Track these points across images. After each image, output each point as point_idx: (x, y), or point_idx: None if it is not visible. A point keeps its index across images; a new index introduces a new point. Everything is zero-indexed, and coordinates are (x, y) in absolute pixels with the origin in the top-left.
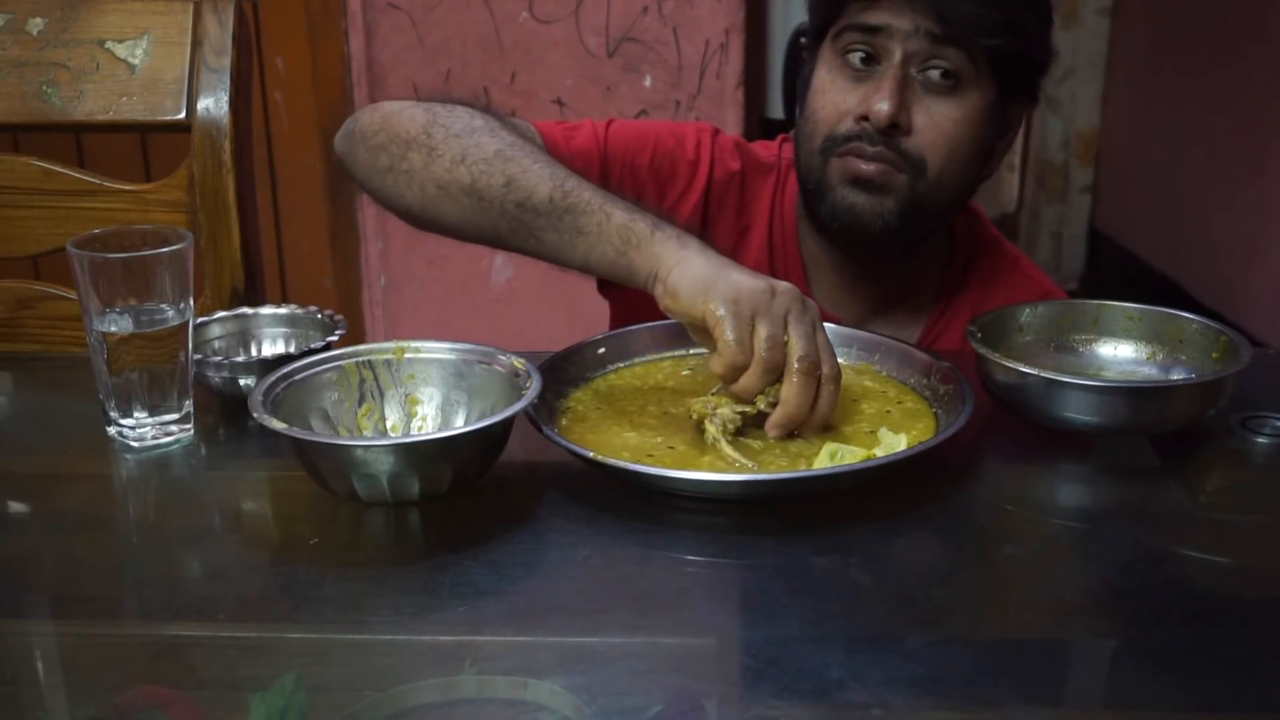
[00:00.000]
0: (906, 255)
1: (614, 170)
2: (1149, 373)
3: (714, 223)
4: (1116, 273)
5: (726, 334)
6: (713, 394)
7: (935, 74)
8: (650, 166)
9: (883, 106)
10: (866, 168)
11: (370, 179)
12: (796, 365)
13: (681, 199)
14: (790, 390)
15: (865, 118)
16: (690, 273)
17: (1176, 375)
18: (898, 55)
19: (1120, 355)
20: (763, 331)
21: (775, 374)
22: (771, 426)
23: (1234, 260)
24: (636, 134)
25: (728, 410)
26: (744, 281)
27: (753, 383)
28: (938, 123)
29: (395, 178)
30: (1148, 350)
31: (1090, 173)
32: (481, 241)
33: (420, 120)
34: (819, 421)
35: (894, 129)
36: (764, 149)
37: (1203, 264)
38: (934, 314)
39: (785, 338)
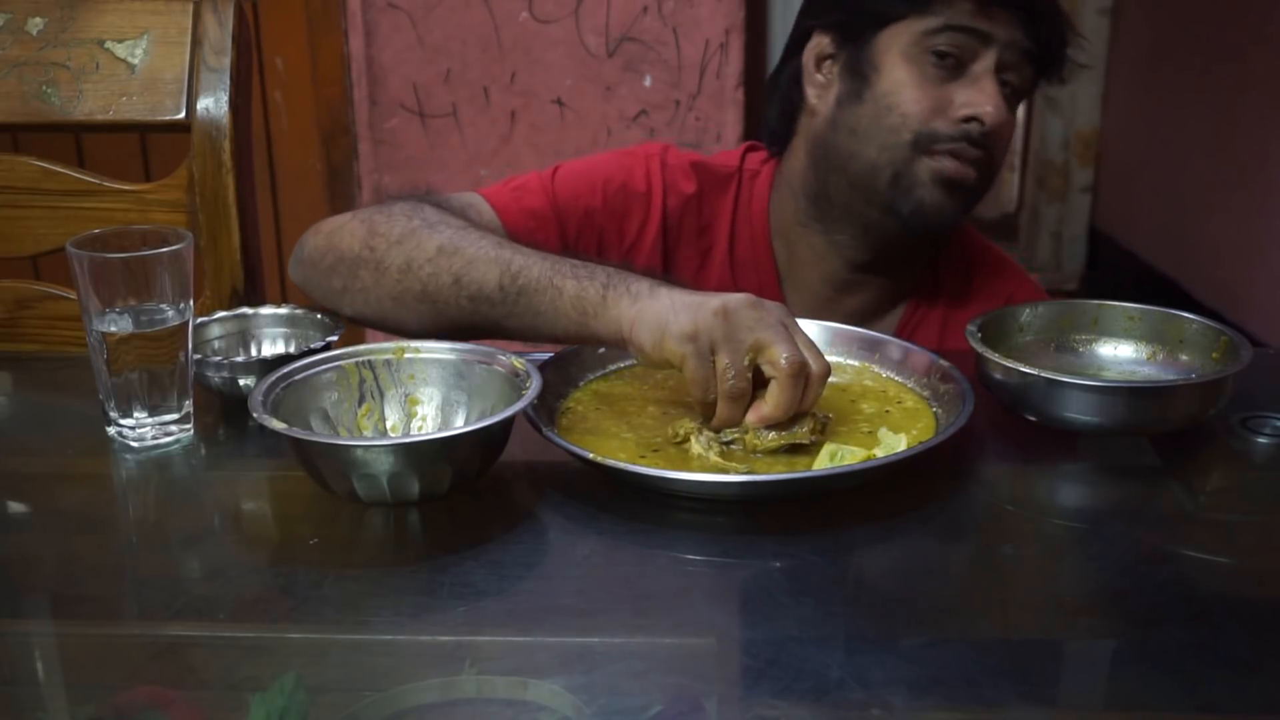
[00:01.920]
0: (912, 253)
1: (570, 222)
2: (1149, 373)
3: (675, 249)
4: (1116, 273)
5: (690, 374)
6: (698, 423)
7: (1014, 82)
8: (604, 208)
9: (994, 109)
10: (964, 171)
11: (330, 301)
12: (785, 367)
13: (641, 232)
14: (776, 393)
15: (970, 119)
16: (647, 323)
17: (1176, 375)
18: (986, 61)
19: (1120, 355)
20: (723, 362)
21: (744, 399)
22: (753, 420)
23: (1234, 260)
24: (585, 176)
25: (711, 433)
26: (697, 314)
27: (726, 414)
28: (1008, 126)
29: (352, 297)
30: (1148, 350)
31: (1090, 173)
32: (454, 337)
33: (360, 235)
34: (802, 412)
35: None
36: (723, 161)
37: (1203, 264)
38: (905, 314)
39: (749, 356)
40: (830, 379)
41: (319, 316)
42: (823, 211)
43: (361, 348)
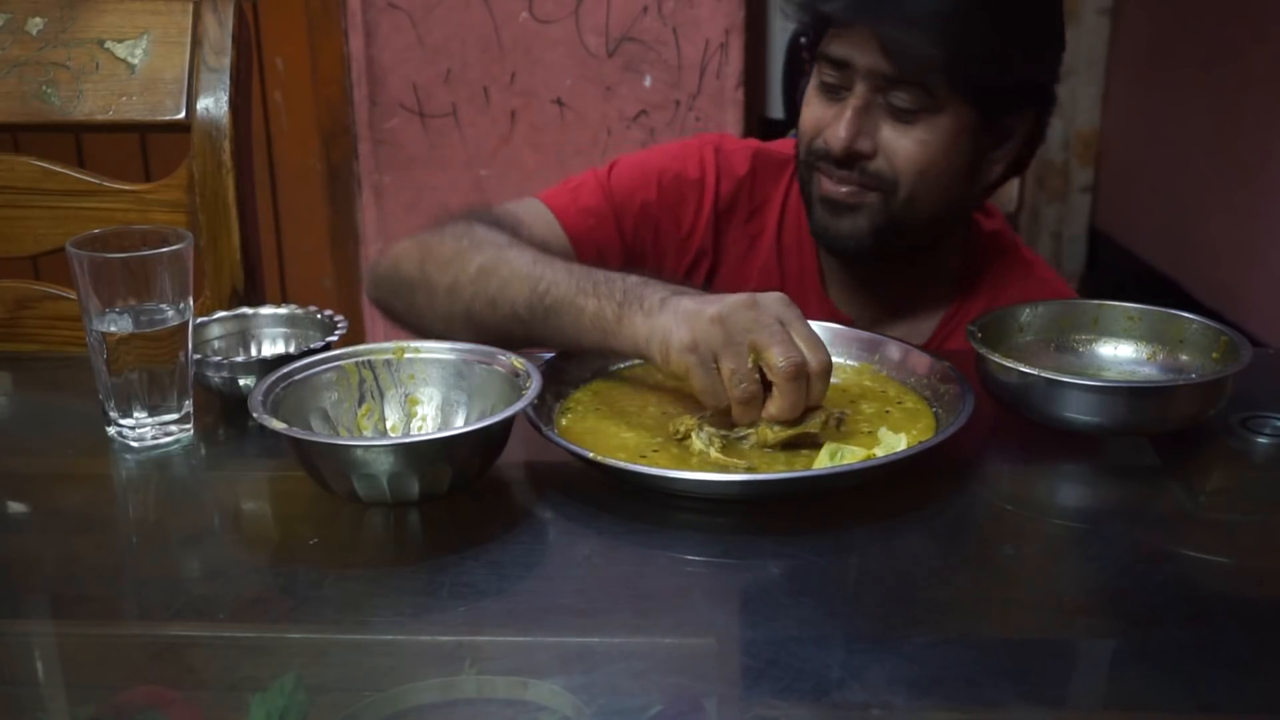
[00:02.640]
0: (909, 261)
1: (627, 216)
2: (1149, 373)
3: (724, 232)
4: (1116, 273)
5: (697, 386)
6: (700, 419)
7: (898, 103)
8: (659, 201)
9: (838, 134)
10: (835, 190)
11: (398, 323)
12: (781, 372)
13: (695, 218)
14: (778, 398)
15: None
16: (655, 340)
17: (1176, 375)
18: (858, 87)
19: (1120, 355)
20: (727, 369)
21: (757, 399)
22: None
23: (1234, 260)
24: (641, 170)
25: (713, 428)
26: (694, 325)
27: (743, 416)
28: (904, 146)
29: (413, 319)
30: (1148, 350)
31: (1090, 173)
32: (505, 348)
33: (415, 259)
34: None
35: (856, 155)
36: (781, 148)
37: (1203, 264)
38: (947, 314)
39: (752, 358)
40: (830, 379)
41: (319, 316)
42: None
43: (361, 348)
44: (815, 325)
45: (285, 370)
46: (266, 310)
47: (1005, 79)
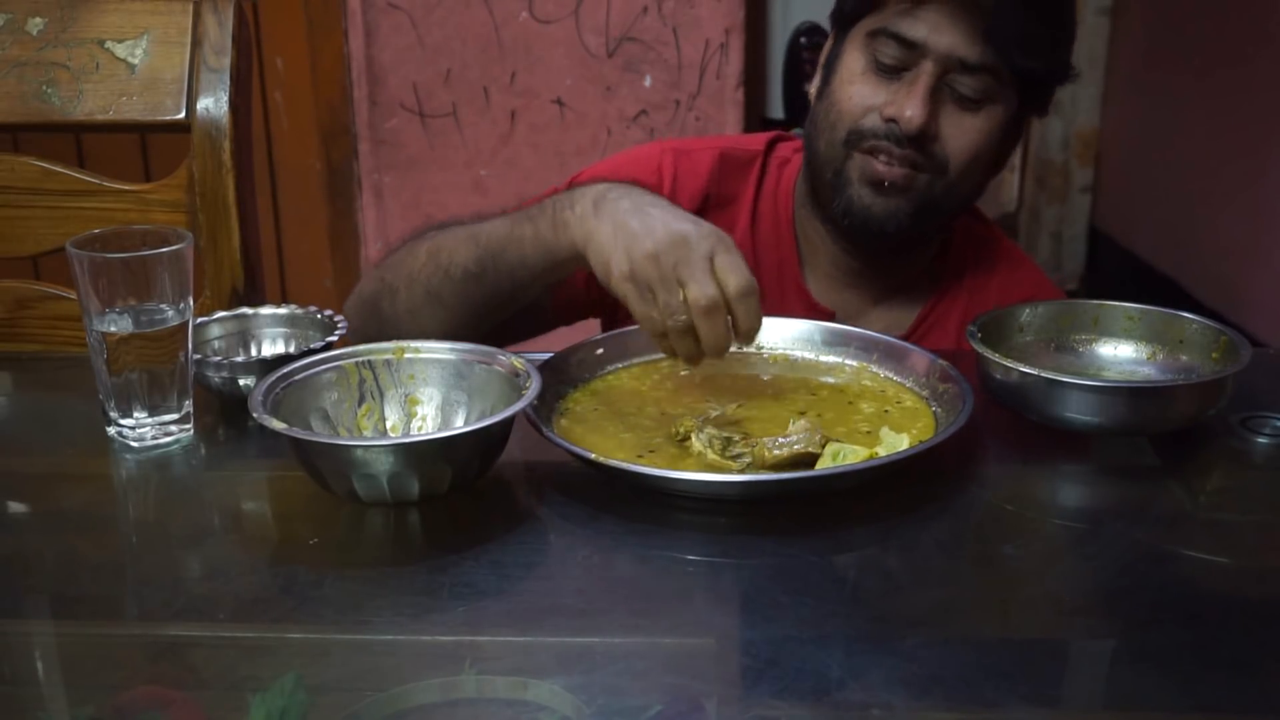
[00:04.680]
0: (906, 249)
1: None
2: (1149, 373)
3: None
4: (1116, 273)
5: (635, 312)
6: (700, 419)
7: (964, 90)
8: None
9: (914, 114)
10: (889, 170)
11: (380, 338)
12: (695, 306)
13: None
14: (702, 333)
15: (894, 119)
16: (594, 251)
17: (1176, 375)
18: (930, 68)
19: (1120, 355)
20: (662, 300)
21: (691, 332)
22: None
23: (1234, 260)
24: (597, 179)
25: (713, 429)
26: (633, 256)
27: (682, 348)
28: (965, 132)
29: (390, 326)
30: (1148, 350)
31: (1090, 173)
32: (475, 324)
33: (374, 276)
34: (747, 337)
35: (922, 136)
36: (746, 144)
37: (1203, 264)
38: (927, 305)
39: (682, 292)
40: (829, 379)
41: (319, 316)
42: (813, 200)
43: (361, 348)
44: (815, 324)
45: (285, 370)
46: (266, 310)
47: (1054, 69)
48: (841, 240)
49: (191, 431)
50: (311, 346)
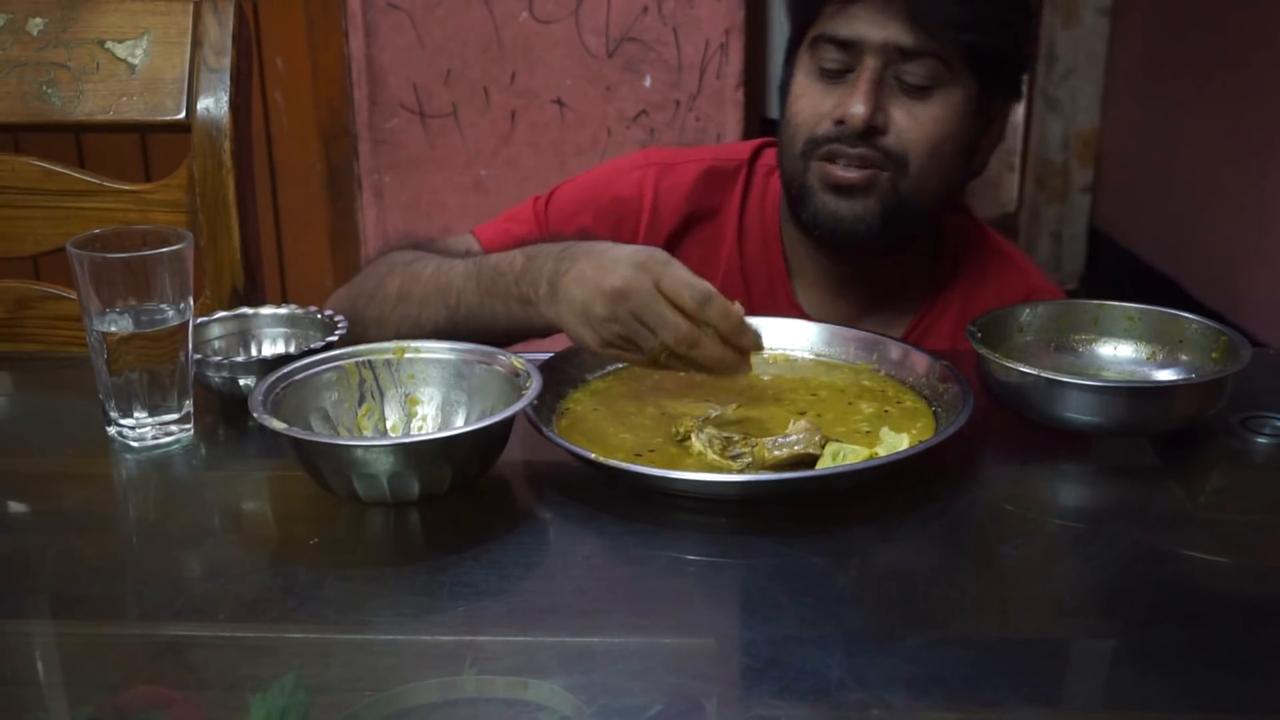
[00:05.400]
0: (893, 255)
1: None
2: (1149, 373)
3: (674, 247)
4: (1116, 273)
5: (636, 365)
6: (701, 419)
7: (911, 78)
8: (595, 224)
9: (858, 109)
10: (847, 174)
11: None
12: (679, 349)
13: (633, 240)
14: (699, 361)
15: (843, 120)
16: (575, 333)
17: (1176, 375)
18: (869, 63)
19: (1120, 355)
20: (646, 349)
21: (666, 348)
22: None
23: (1234, 260)
24: (578, 194)
25: (713, 429)
26: (594, 321)
27: (699, 368)
28: (919, 122)
29: (379, 329)
30: (1148, 350)
31: (1090, 173)
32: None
33: (346, 298)
34: (745, 346)
35: (871, 130)
36: (729, 155)
37: (1203, 264)
38: (920, 310)
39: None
40: (829, 379)
41: (319, 316)
42: (792, 216)
43: (361, 348)
44: (811, 325)
45: (285, 370)
46: (266, 310)
47: (1011, 49)
48: (823, 252)
49: (191, 431)
50: (311, 346)
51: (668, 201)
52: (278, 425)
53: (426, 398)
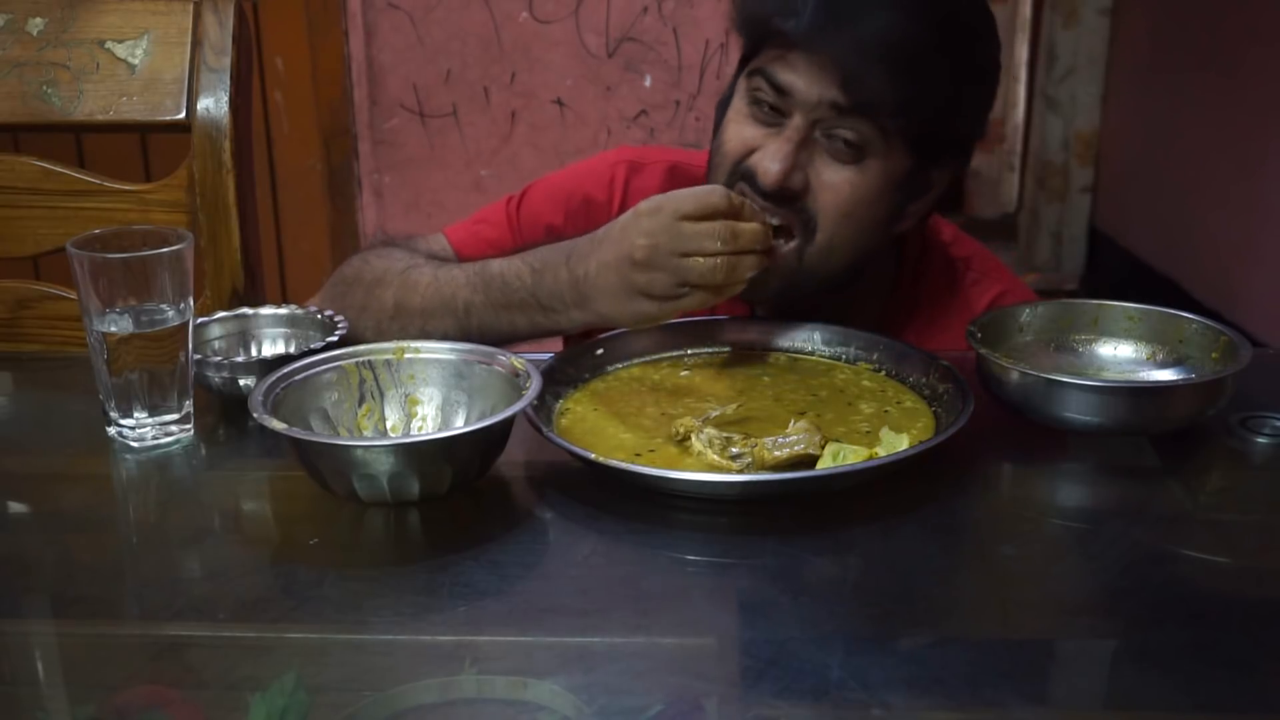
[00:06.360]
0: (835, 293)
1: (533, 244)
2: (1149, 373)
3: None
4: (1116, 273)
5: (701, 300)
6: (701, 420)
7: (839, 142)
8: (566, 224)
9: (771, 167)
10: None
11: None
12: (730, 248)
13: None
14: (745, 242)
15: (753, 171)
16: (623, 317)
17: (1176, 375)
18: (798, 118)
19: (1120, 355)
20: (703, 273)
21: (718, 263)
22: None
23: (1233, 260)
24: (549, 194)
25: (714, 430)
26: (638, 284)
27: (744, 274)
28: (835, 186)
29: (376, 338)
30: (1148, 350)
31: (1090, 173)
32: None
33: (332, 295)
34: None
35: (784, 192)
36: (699, 157)
37: (1202, 264)
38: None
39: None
40: (829, 379)
41: (319, 316)
42: None
43: (361, 348)
44: (811, 325)
45: (285, 370)
46: (266, 310)
47: (952, 124)
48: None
49: (191, 431)
50: (311, 346)
51: (636, 200)
52: (278, 425)
53: (426, 398)
